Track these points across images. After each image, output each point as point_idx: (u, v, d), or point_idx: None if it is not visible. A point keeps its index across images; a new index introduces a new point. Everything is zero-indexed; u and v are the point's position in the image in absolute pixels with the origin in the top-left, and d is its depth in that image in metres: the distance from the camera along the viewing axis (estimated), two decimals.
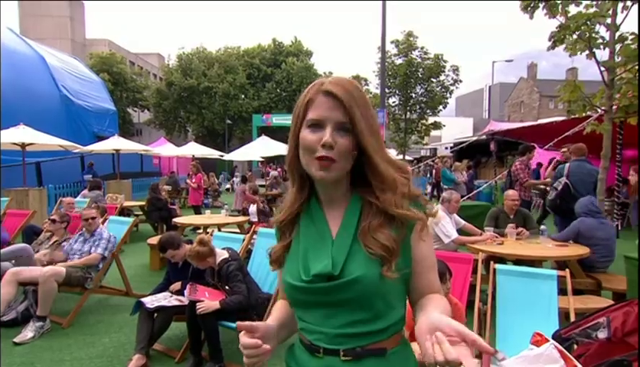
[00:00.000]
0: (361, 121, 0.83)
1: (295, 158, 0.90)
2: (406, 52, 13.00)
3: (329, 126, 0.83)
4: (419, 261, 0.89)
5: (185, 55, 32.46)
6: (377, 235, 0.83)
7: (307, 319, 0.89)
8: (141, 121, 35.91)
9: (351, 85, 0.86)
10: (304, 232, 0.93)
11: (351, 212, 0.90)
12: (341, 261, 0.84)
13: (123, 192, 9.84)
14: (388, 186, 0.86)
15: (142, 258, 5.76)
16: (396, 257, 0.83)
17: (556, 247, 3.65)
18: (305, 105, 0.87)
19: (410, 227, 0.86)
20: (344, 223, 0.89)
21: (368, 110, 0.86)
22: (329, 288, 0.84)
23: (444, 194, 4.42)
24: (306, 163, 0.87)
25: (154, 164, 19.17)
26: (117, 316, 3.72)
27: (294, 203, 0.95)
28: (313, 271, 0.85)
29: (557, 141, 6.59)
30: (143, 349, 2.78)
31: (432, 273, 0.92)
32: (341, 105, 0.83)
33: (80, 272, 3.64)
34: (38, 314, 3.39)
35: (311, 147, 0.84)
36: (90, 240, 3.92)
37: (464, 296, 2.84)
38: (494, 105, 44.24)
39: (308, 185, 0.93)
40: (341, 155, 0.83)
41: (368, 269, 0.82)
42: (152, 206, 7.16)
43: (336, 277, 0.83)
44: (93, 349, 3.13)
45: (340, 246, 0.86)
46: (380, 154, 0.86)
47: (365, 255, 0.83)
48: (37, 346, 3.18)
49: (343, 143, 0.83)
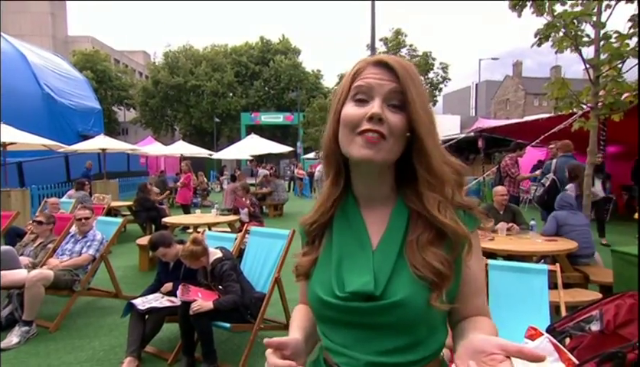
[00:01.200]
0: (417, 100, 0.71)
1: (334, 142, 0.77)
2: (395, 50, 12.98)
3: (378, 98, 0.71)
4: (467, 283, 0.76)
5: (172, 53, 32.09)
6: (426, 254, 0.71)
7: (334, 339, 0.77)
8: (127, 119, 35.34)
9: (407, 63, 0.75)
10: (338, 235, 0.80)
11: (397, 218, 0.76)
12: (385, 280, 0.71)
13: (110, 192, 9.66)
14: (437, 182, 0.73)
15: (131, 259, 5.66)
16: (448, 283, 0.71)
17: (546, 242, 3.72)
18: (352, 76, 0.75)
19: (463, 244, 0.73)
20: (388, 232, 0.76)
21: (423, 90, 0.74)
22: (367, 310, 0.71)
23: None
24: (346, 142, 0.73)
25: (141, 163, 18.87)
26: (107, 319, 3.64)
27: (326, 200, 0.81)
28: (350, 287, 0.73)
29: (544, 137, 6.70)
30: (135, 352, 2.73)
31: (480, 296, 0.79)
32: (394, 77, 0.71)
33: (67, 275, 3.55)
34: (24, 319, 3.30)
35: (355, 121, 0.71)
36: (82, 241, 3.83)
37: None
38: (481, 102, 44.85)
39: (343, 178, 0.80)
40: (392, 133, 0.70)
41: (414, 292, 0.70)
42: (140, 206, 7.05)
43: (376, 298, 0.71)
44: (82, 353, 3.06)
45: (383, 260, 0.73)
46: (434, 141, 0.72)
47: (411, 275, 0.71)
48: (23, 352, 3.09)
49: (394, 120, 0.70)
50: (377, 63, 0.74)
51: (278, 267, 3.03)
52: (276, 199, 10.72)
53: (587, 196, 4.58)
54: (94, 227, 3.99)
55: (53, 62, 17.72)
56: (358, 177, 0.79)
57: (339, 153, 0.77)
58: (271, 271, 3.10)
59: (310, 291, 0.80)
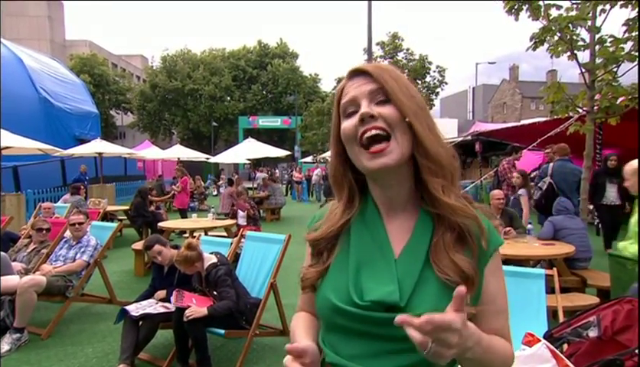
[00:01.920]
0: (397, 89, 0.71)
1: (341, 164, 0.77)
2: (392, 54, 13.02)
3: (364, 100, 0.72)
4: (485, 303, 0.72)
5: (169, 57, 32.11)
6: (454, 256, 0.68)
7: (344, 351, 0.72)
8: (124, 124, 35.28)
9: (383, 64, 0.78)
10: (356, 241, 0.76)
11: (422, 227, 0.73)
12: (409, 290, 0.68)
13: (106, 196, 9.61)
14: (436, 166, 0.71)
15: (127, 264, 5.61)
16: (473, 288, 0.68)
17: (543, 246, 3.70)
18: (338, 98, 0.78)
19: (487, 256, 0.71)
20: (413, 240, 0.73)
21: (405, 83, 0.74)
22: (388, 321, 0.64)
23: None
24: (356, 158, 0.73)
25: (138, 167, 18.81)
26: (100, 325, 3.59)
27: (340, 218, 0.78)
28: (370, 295, 0.69)
29: (540, 141, 6.71)
30: (128, 359, 2.68)
31: (498, 319, 0.74)
32: (370, 77, 0.73)
33: (60, 280, 3.51)
34: (15, 326, 3.25)
35: (353, 131, 0.71)
36: (76, 246, 3.79)
37: None
38: (478, 106, 45.04)
39: (358, 198, 0.79)
40: (392, 125, 0.69)
41: (440, 302, 0.65)
42: (136, 210, 7.00)
43: (399, 308, 0.67)
44: (74, 360, 3.02)
45: (407, 269, 0.70)
46: (424, 125, 0.71)
47: (437, 284, 0.68)
48: (14, 360, 3.04)
49: (386, 111, 0.70)
50: (352, 74, 0.76)
51: (274, 273, 3.00)
52: (273, 203, 10.70)
53: (583, 201, 4.58)
54: (88, 232, 3.95)
55: (50, 66, 17.71)
56: (376, 187, 0.77)
57: (347, 175, 0.77)
58: (267, 277, 3.06)
59: (321, 297, 0.76)
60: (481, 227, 0.71)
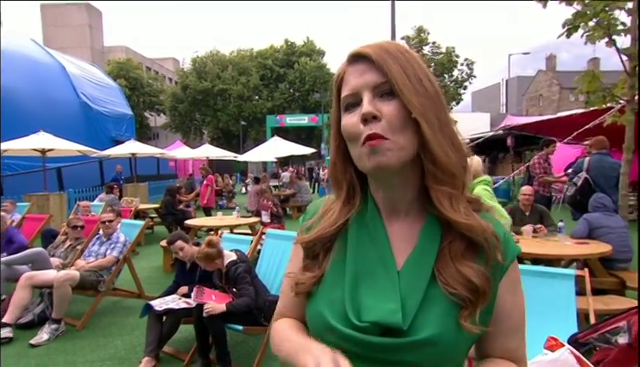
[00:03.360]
0: (404, 79, 0.61)
1: (341, 159, 0.69)
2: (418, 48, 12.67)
3: (365, 94, 0.62)
4: (500, 319, 0.65)
5: (199, 58, 32.93)
6: (461, 267, 0.61)
7: None
8: (158, 124, 36.63)
9: (386, 42, 0.65)
10: (355, 248, 0.67)
11: (428, 233, 0.65)
12: (414, 309, 0.60)
13: (140, 195, 10.02)
14: (444, 174, 0.62)
15: (156, 260, 5.83)
16: (484, 301, 0.61)
17: (576, 244, 3.50)
18: (337, 86, 0.68)
19: (502, 269, 0.64)
20: (418, 249, 0.64)
21: (415, 69, 0.63)
22: (389, 347, 0.60)
23: None
24: (356, 157, 0.64)
25: (170, 166, 19.49)
26: (129, 319, 3.76)
27: (337, 218, 0.70)
28: (370, 315, 0.61)
29: (577, 134, 6.34)
30: (152, 352, 2.79)
31: (513, 338, 0.67)
32: (372, 65, 0.62)
33: (93, 275, 3.69)
34: (53, 317, 3.45)
35: (354, 130, 0.62)
36: (107, 243, 3.98)
37: None
38: (512, 99, 43.23)
39: (359, 196, 0.70)
40: (395, 127, 0.60)
41: (445, 324, 0.59)
42: (166, 208, 7.25)
43: (400, 332, 0.59)
44: (104, 351, 3.17)
45: (411, 283, 0.62)
46: (431, 123, 0.61)
47: (444, 302, 0.60)
48: (52, 349, 3.23)
49: (390, 110, 0.60)
50: (352, 58, 0.66)
51: None
52: (300, 201, 10.77)
53: (623, 197, 4.29)
54: (118, 229, 4.13)
55: (89, 71, 18.66)
56: (377, 187, 0.69)
57: (347, 171, 0.69)
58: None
59: (313, 310, 0.67)
60: (497, 236, 0.63)
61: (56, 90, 15.15)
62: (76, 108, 15.89)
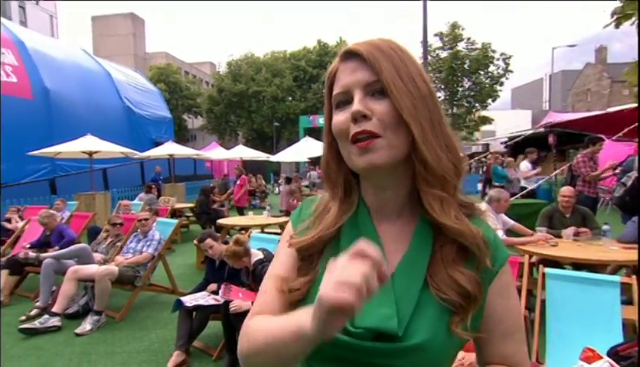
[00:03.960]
0: (396, 78, 0.60)
1: (332, 161, 0.68)
2: (452, 44, 12.22)
3: (357, 92, 0.61)
4: (492, 323, 0.64)
5: (234, 62, 33.76)
6: (452, 272, 0.60)
7: None
8: (195, 126, 37.96)
9: (379, 40, 0.64)
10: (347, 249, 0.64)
11: (421, 236, 0.64)
12: (408, 314, 0.59)
13: (177, 194, 10.43)
14: (434, 178, 0.61)
15: (190, 258, 6.04)
16: (475, 306, 0.61)
17: (623, 249, 3.26)
18: (329, 83, 0.67)
19: (491, 274, 0.63)
20: (411, 253, 0.63)
21: (407, 67, 0.62)
22: (383, 352, 0.59)
23: (492, 192, 4.13)
24: (346, 156, 0.64)
25: (206, 167, 20.14)
26: (163, 313, 3.92)
27: (336, 220, 0.68)
28: (364, 320, 0.59)
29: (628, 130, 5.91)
30: (183, 346, 2.89)
31: (507, 343, 0.66)
32: (364, 63, 0.61)
33: (130, 271, 3.89)
34: (95, 309, 3.67)
35: (344, 128, 0.62)
36: (143, 240, 4.19)
37: None
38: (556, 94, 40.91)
39: (356, 196, 0.69)
40: (386, 126, 0.59)
41: (437, 329, 0.59)
42: (200, 208, 7.50)
43: (395, 338, 0.59)
44: (140, 343, 3.33)
45: (405, 288, 0.61)
46: (422, 125, 0.60)
47: (436, 307, 0.60)
48: (94, 338, 3.44)
49: (381, 109, 0.59)
50: (345, 56, 0.65)
51: None
52: None
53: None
54: (154, 227, 4.32)
55: (132, 77, 19.68)
56: (368, 187, 0.68)
57: (342, 169, 0.68)
58: None
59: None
60: (485, 242, 0.63)
61: (103, 96, 16.13)
62: (120, 112, 16.82)
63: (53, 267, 3.99)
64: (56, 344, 3.33)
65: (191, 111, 34.83)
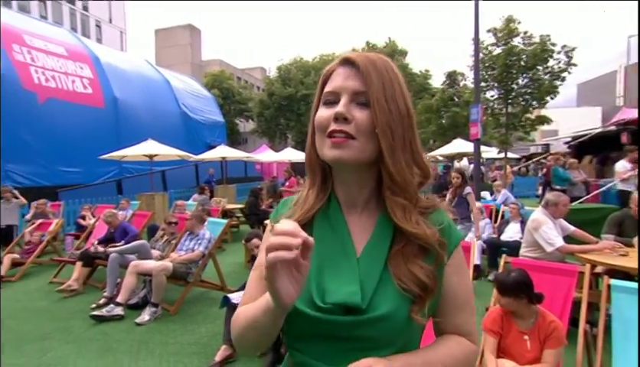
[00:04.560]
0: (380, 95, 0.68)
1: (313, 150, 0.76)
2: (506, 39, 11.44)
3: (344, 97, 0.70)
4: (446, 299, 0.75)
5: (284, 66, 34.58)
6: (412, 267, 0.69)
7: (307, 352, 0.72)
8: (246, 130, 39.40)
9: (377, 57, 0.73)
10: (319, 239, 0.71)
11: (383, 226, 0.73)
12: (371, 291, 0.68)
13: (228, 196, 10.89)
14: (398, 187, 0.70)
15: (239, 257, 6.27)
16: (431, 297, 0.70)
17: None
18: (323, 79, 0.76)
19: (448, 254, 0.73)
20: (374, 239, 0.73)
21: (393, 86, 0.71)
22: (350, 324, 0.68)
23: (549, 196, 3.85)
24: (319, 145, 0.73)
25: (256, 169, 20.83)
26: (213, 309, 4.10)
27: (310, 208, 0.77)
28: (333, 297, 0.68)
29: None
30: (229, 341, 3.02)
31: (459, 315, 0.76)
32: (358, 73, 0.70)
33: (183, 267, 4.13)
34: (152, 301, 3.95)
35: (325, 123, 0.71)
36: (195, 239, 4.43)
37: (565, 314, 2.43)
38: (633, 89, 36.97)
39: (329, 185, 0.78)
40: (361, 132, 0.68)
41: (398, 305, 0.68)
42: (250, 209, 7.77)
43: (360, 311, 0.68)
44: (191, 336, 3.52)
45: (368, 269, 0.70)
46: (393, 142, 0.69)
47: (394, 287, 0.69)
48: (151, 328, 3.70)
49: (362, 117, 0.68)
50: (343, 62, 0.73)
51: None
52: None
53: None
54: (205, 227, 4.55)
55: (188, 84, 20.93)
56: (338, 181, 0.78)
57: (319, 159, 0.75)
58: None
59: None
60: (442, 243, 0.72)
61: (162, 103, 17.34)
62: (177, 117, 17.95)
63: (118, 261, 4.35)
64: (119, 331, 3.63)
65: (242, 115, 36.18)
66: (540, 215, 3.56)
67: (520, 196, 14.06)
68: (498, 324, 2.06)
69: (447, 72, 18.91)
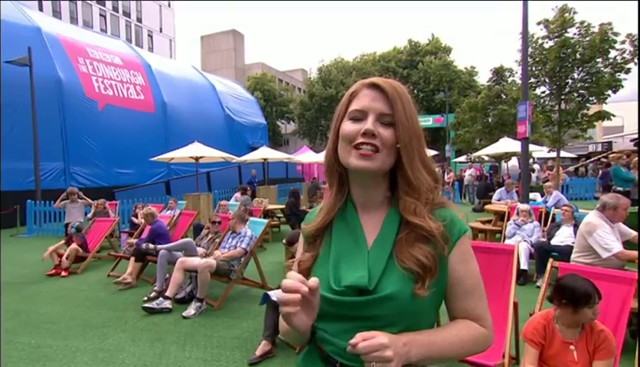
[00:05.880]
0: (403, 117, 0.82)
1: (334, 156, 0.88)
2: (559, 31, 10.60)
3: (371, 116, 0.83)
4: (454, 285, 0.84)
5: (325, 67, 34.75)
6: (413, 250, 0.80)
7: (326, 329, 0.85)
8: (288, 131, 40.06)
9: (395, 82, 0.87)
10: (337, 236, 0.89)
11: (390, 221, 0.85)
12: (378, 275, 0.80)
13: (269, 196, 11.14)
14: (412, 190, 0.83)
15: (279, 256, 6.40)
16: (431, 275, 0.79)
17: None
18: (349, 97, 0.88)
19: (451, 244, 0.82)
20: (382, 233, 0.85)
21: (411, 109, 0.85)
22: (360, 303, 0.79)
23: (606, 198, 3.58)
24: (344, 154, 0.84)
25: (297, 170, 21.12)
26: (254, 305, 4.24)
27: (332, 208, 0.91)
28: (345, 281, 0.81)
29: None
30: (269, 337, 3.11)
31: (468, 300, 0.84)
32: (384, 97, 0.83)
33: (226, 265, 4.30)
34: (198, 296, 4.15)
35: (352, 135, 0.83)
36: (237, 237, 4.60)
37: (621, 324, 2.25)
38: None
39: (346, 188, 0.91)
40: (385, 145, 0.82)
41: (402, 286, 0.79)
42: (290, 209, 7.90)
43: (369, 292, 0.79)
44: (233, 330, 3.66)
45: (377, 258, 0.82)
46: (411, 154, 0.83)
47: (400, 272, 0.80)
48: (196, 322, 3.89)
49: (386, 134, 0.82)
50: (371, 85, 0.86)
51: None
52: None
53: None
54: (246, 225, 4.70)
55: (231, 87, 21.67)
56: (355, 185, 0.90)
57: (341, 166, 0.88)
58: None
59: None
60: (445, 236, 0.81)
61: (207, 106, 18.10)
62: (221, 120, 18.65)
63: (166, 257, 4.62)
64: (167, 323, 3.85)
65: (284, 117, 36.82)
66: (595, 218, 3.32)
67: (575, 199, 13.12)
68: (540, 334, 1.94)
69: (494, 68, 18.06)
